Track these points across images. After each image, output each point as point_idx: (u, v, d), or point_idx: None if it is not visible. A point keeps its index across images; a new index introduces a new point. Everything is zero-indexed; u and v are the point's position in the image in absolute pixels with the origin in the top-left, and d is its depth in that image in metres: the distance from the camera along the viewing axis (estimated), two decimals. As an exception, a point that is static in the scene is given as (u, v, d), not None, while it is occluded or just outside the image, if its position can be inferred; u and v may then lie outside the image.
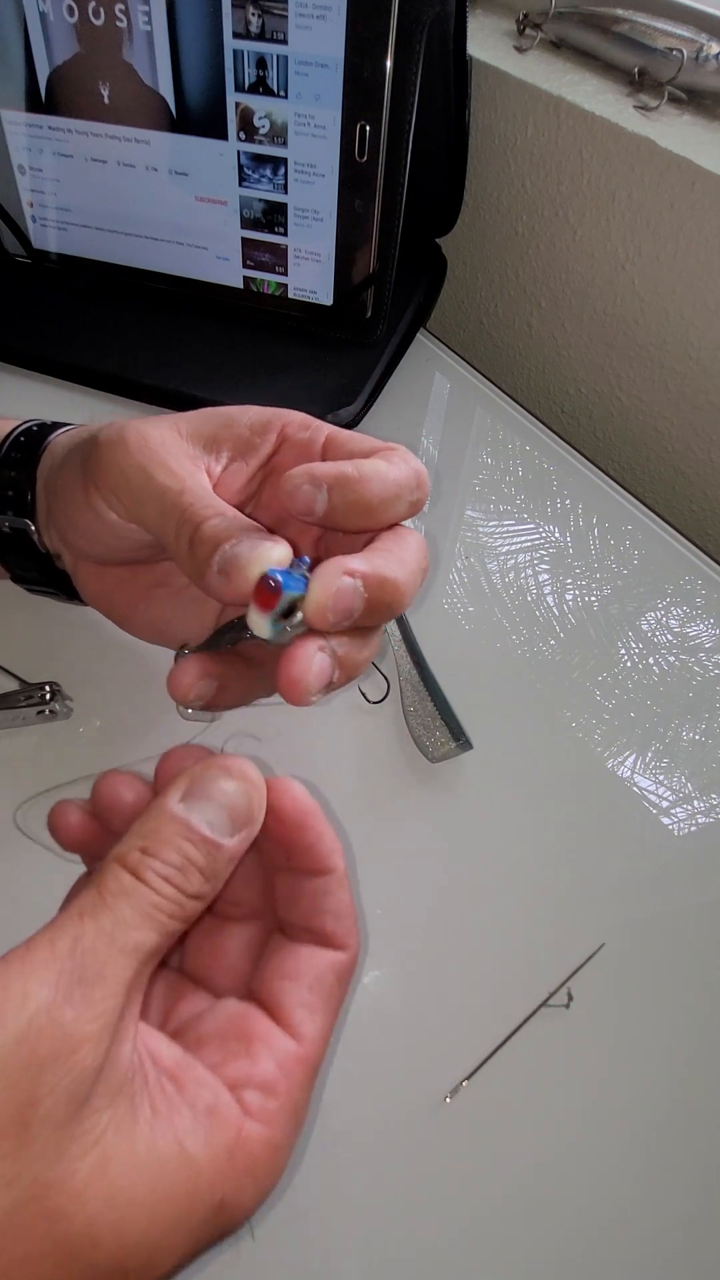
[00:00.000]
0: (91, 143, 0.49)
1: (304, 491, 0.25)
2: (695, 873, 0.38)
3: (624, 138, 0.47)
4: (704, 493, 0.55)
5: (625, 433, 0.58)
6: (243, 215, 0.49)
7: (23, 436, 0.33)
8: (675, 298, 0.50)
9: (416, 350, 0.56)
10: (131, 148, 0.48)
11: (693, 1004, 0.34)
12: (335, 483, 0.25)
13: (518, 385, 0.63)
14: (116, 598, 0.33)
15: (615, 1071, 0.33)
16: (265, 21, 0.42)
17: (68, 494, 0.30)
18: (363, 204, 0.47)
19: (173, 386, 0.50)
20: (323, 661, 0.24)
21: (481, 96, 0.52)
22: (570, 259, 0.54)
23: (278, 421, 0.29)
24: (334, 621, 0.23)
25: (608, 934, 0.35)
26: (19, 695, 0.38)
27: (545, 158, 0.52)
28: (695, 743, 0.41)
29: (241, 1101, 0.20)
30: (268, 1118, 0.20)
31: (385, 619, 0.25)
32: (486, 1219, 0.30)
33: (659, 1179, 0.31)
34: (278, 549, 0.24)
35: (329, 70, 0.43)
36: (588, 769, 0.40)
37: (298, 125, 0.45)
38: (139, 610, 0.33)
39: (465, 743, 0.38)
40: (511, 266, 0.58)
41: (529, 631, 0.44)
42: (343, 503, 0.25)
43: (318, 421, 0.29)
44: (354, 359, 0.52)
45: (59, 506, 0.31)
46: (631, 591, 0.46)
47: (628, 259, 0.51)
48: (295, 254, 0.50)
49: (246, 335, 0.53)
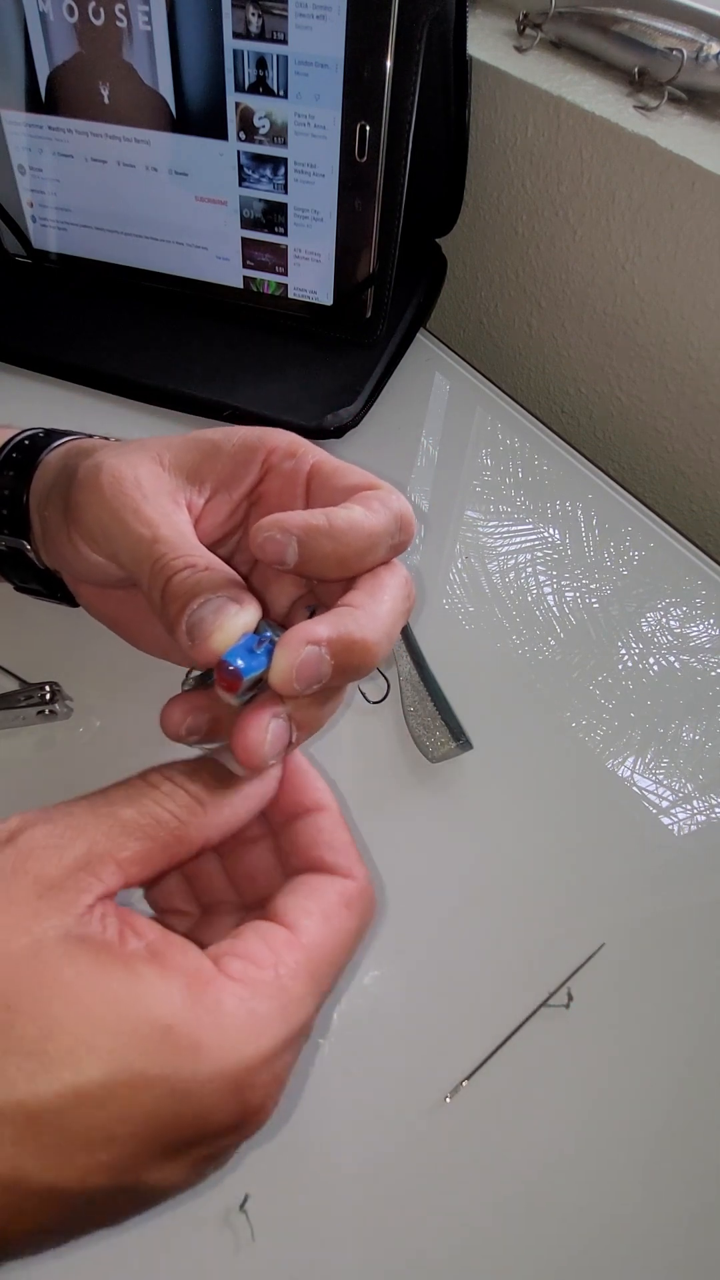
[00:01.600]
0: (91, 143, 0.49)
1: (274, 542, 0.24)
2: (695, 872, 0.38)
3: (624, 138, 0.46)
4: (704, 493, 0.55)
5: (625, 433, 0.58)
6: (243, 215, 0.49)
7: (15, 453, 0.32)
8: (675, 298, 0.50)
9: (416, 350, 0.56)
10: (132, 148, 0.48)
11: (693, 1004, 0.34)
12: (305, 534, 0.24)
13: (518, 385, 0.63)
14: (121, 616, 0.33)
15: (615, 1071, 0.33)
16: (265, 21, 0.42)
17: (52, 528, 0.30)
18: (363, 204, 0.47)
19: (173, 387, 0.50)
20: (278, 728, 0.23)
21: (481, 96, 0.52)
22: (570, 259, 0.54)
23: (262, 449, 0.28)
24: (300, 690, 0.23)
25: (608, 934, 0.35)
26: (19, 695, 0.38)
27: (545, 158, 0.52)
28: (695, 743, 0.41)
29: (221, 965, 0.20)
30: (248, 981, 0.20)
31: (354, 679, 0.24)
32: (487, 1219, 0.30)
33: (659, 1178, 0.31)
34: (243, 615, 0.23)
35: (329, 70, 0.43)
36: (588, 769, 0.40)
37: (298, 125, 0.45)
38: (145, 628, 0.33)
39: (465, 743, 0.38)
40: (511, 266, 0.58)
41: (529, 632, 0.44)
42: (315, 554, 0.24)
43: (304, 446, 0.28)
44: (354, 359, 0.52)
45: (48, 535, 0.30)
46: (631, 592, 0.46)
47: (628, 259, 0.51)
48: (295, 254, 0.50)
49: (247, 335, 0.53)
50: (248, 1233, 0.29)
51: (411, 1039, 0.33)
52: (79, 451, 0.30)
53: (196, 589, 0.24)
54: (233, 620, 0.23)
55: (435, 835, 0.37)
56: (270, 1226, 0.29)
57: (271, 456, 0.28)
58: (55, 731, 0.38)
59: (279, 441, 0.28)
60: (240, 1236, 0.29)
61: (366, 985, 0.34)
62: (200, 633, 0.23)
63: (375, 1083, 0.32)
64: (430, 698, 0.39)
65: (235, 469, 0.28)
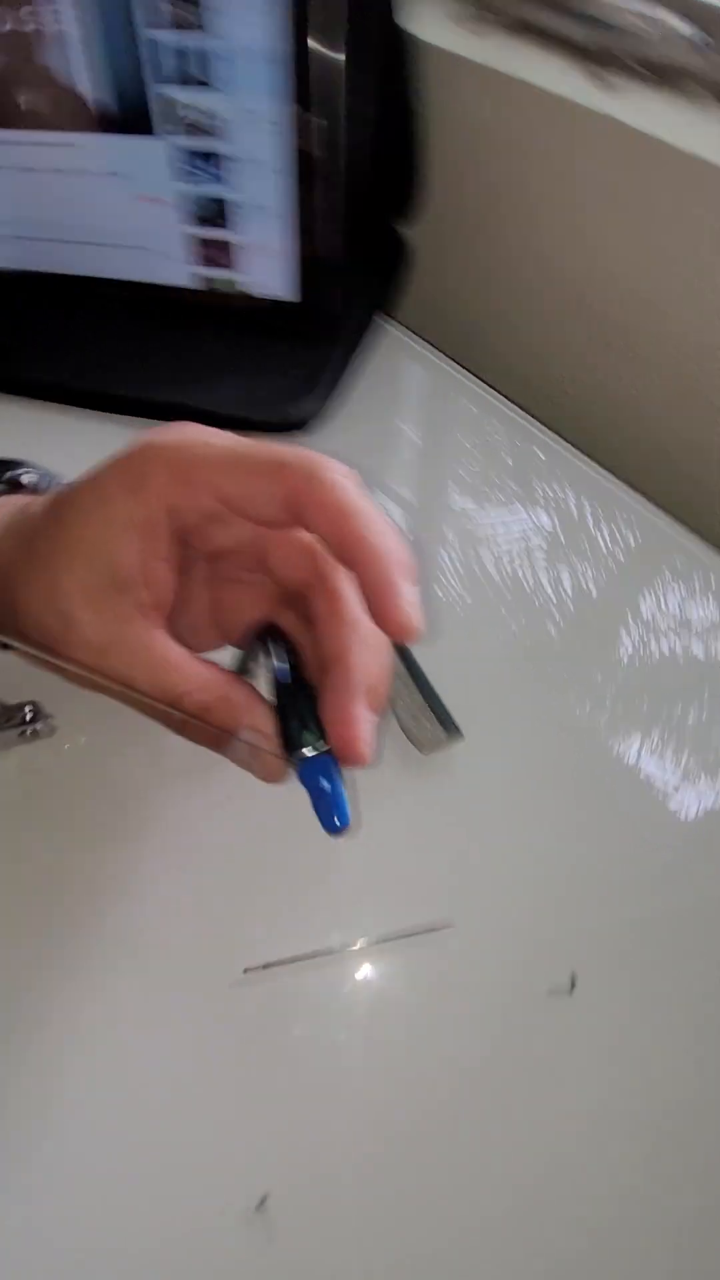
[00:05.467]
0: (17, 151, 0.48)
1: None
2: (700, 858, 0.37)
3: (587, 117, 0.45)
4: (688, 471, 0.54)
5: (605, 413, 0.57)
6: (185, 212, 0.49)
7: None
8: (646, 275, 0.49)
9: (387, 340, 0.55)
10: (58, 152, 0.47)
11: (701, 992, 0.34)
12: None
13: (493, 371, 0.62)
14: None
15: (621, 1060, 0.32)
16: (179, 8, 0.41)
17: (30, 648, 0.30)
18: (309, 193, 0.46)
19: (128, 393, 0.50)
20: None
21: (440, 82, 0.51)
22: (538, 241, 0.53)
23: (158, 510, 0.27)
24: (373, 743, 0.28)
25: (613, 922, 0.35)
26: None
27: (509, 141, 0.50)
28: (700, 723, 0.40)
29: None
30: None
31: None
32: (488, 1217, 0.30)
33: (660, 1177, 0.31)
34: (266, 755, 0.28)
35: (255, 56, 0.42)
36: (590, 754, 0.39)
37: (229, 115, 0.44)
38: None
39: (455, 732, 0.38)
40: (480, 252, 0.57)
41: (526, 619, 0.43)
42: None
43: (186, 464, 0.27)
44: (314, 350, 0.51)
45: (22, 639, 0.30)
46: (628, 574, 0.45)
47: (596, 238, 0.50)
48: (244, 248, 0.49)
49: (202, 334, 0.52)
50: (268, 1233, 0.28)
51: (410, 1031, 0.32)
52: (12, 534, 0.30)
53: (214, 741, 0.29)
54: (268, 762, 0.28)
55: (433, 828, 0.37)
56: (266, 1222, 0.29)
57: (166, 498, 0.27)
58: (39, 751, 0.38)
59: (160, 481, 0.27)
60: (260, 1236, 0.28)
61: (364, 982, 0.33)
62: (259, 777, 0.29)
63: (375, 1080, 0.32)
64: (418, 688, 0.39)
65: (146, 540, 0.27)
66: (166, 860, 0.35)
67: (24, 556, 0.28)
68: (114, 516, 0.27)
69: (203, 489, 0.26)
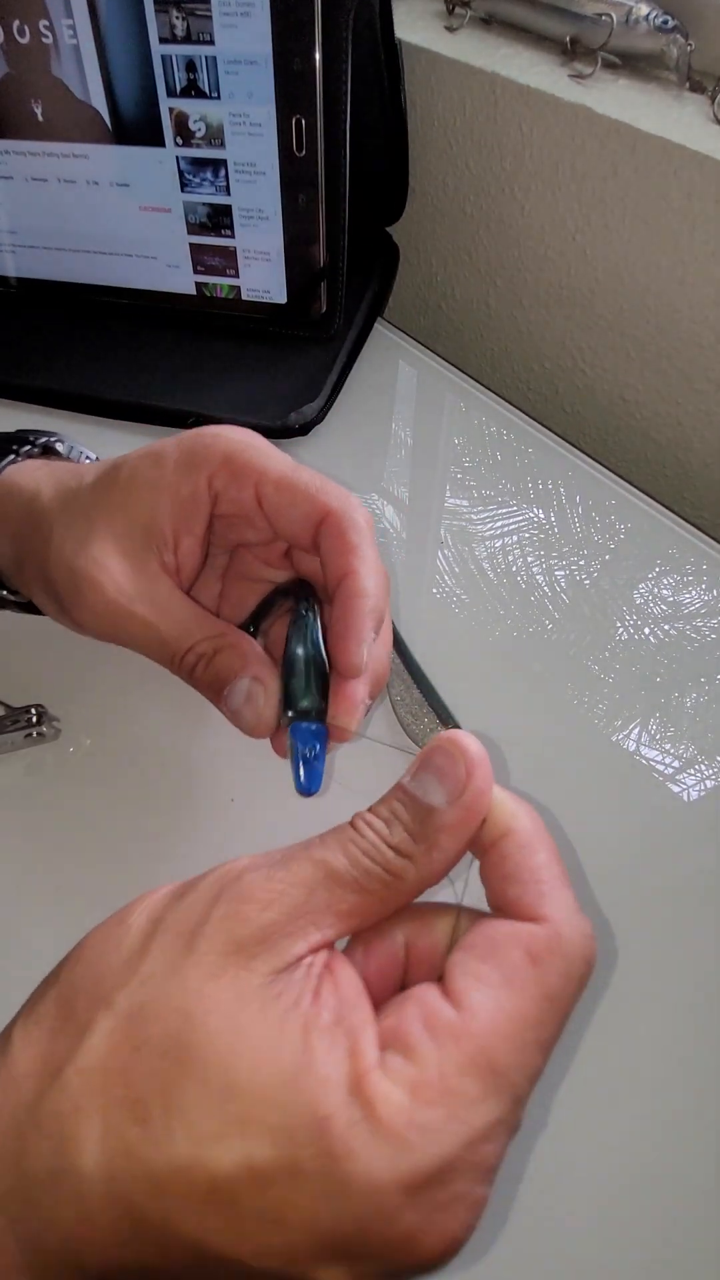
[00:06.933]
0: (30, 162, 0.49)
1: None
2: (702, 841, 0.37)
3: (561, 108, 0.46)
4: (675, 457, 0.55)
5: (594, 405, 0.58)
6: (188, 221, 0.49)
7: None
8: (628, 263, 0.50)
9: (378, 341, 0.56)
10: (70, 163, 0.48)
11: (701, 975, 0.34)
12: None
13: (482, 368, 0.63)
14: None
15: (615, 1045, 0.33)
16: (190, 24, 0.42)
17: (42, 601, 0.32)
18: (306, 199, 0.47)
19: (134, 399, 0.50)
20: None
21: (416, 80, 0.52)
22: (521, 234, 0.54)
23: (201, 480, 0.29)
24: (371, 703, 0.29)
25: (618, 911, 0.35)
26: (5, 721, 0.38)
27: (486, 136, 0.51)
28: (699, 707, 0.41)
29: (383, 1061, 0.18)
30: (407, 1083, 0.17)
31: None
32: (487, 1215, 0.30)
33: (660, 1177, 0.31)
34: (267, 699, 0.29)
35: (259, 67, 0.43)
36: (589, 743, 0.40)
37: (233, 125, 0.45)
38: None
39: (454, 727, 0.38)
40: (464, 248, 0.58)
41: (521, 614, 0.44)
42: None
43: (242, 461, 0.29)
44: (313, 355, 0.52)
45: (35, 594, 0.32)
46: (621, 564, 0.46)
47: (577, 229, 0.51)
48: (244, 255, 0.50)
49: (205, 341, 0.53)
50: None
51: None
52: (26, 503, 0.31)
53: (217, 681, 0.29)
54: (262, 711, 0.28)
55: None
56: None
57: (214, 482, 0.29)
58: (45, 753, 0.38)
59: (214, 466, 0.29)
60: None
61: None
62: (245, 725, 0.29)
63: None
64: (416, 685, 0.39)
65: (187, 512, 0.30)
66: (171, 863, 0.36)
67: (67, 505, 0.30)
68: (163, 482, 0.29)
69: (249, 487, 0.29)
